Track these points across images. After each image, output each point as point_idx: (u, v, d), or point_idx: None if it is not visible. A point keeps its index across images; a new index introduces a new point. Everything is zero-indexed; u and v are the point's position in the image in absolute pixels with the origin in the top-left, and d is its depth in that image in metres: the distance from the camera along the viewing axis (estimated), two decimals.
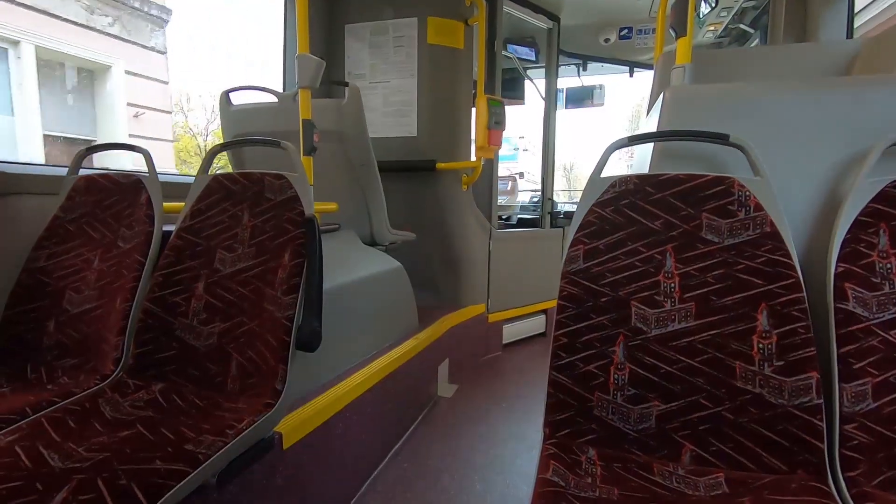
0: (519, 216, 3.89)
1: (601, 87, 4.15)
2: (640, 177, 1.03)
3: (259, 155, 2.09)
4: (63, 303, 1.33)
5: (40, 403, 1.04)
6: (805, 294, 0.88)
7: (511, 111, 3.08)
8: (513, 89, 4.01)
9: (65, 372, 1.23)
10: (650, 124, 1.27)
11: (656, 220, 0.99)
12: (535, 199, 4.24)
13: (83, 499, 0.74)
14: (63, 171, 1.50)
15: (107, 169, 1.58)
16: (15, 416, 0.99)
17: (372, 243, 2.13)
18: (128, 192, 1.41)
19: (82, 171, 1.51)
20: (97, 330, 1.28)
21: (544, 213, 3.55)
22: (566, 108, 4.24)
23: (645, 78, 4.13)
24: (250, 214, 1.28)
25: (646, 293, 0.96)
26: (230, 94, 2.08)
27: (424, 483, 1.62)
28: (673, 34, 1.31)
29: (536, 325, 3.42)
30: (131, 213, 1.38)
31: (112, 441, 0.90)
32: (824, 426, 0.82)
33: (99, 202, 1.42)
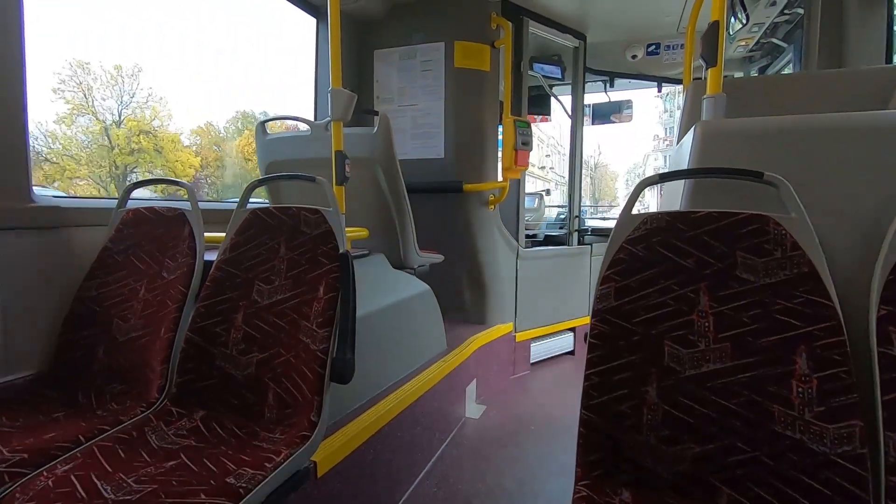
0: (546, 234, 3.88)
1: (629, 102, 4.12)
2: (671, 214, 1.02)
3: (293, 183, 2.16)
4: (112, 331, 1.39)
5: (92, 431, 1.10)
6: (846, 337, 0.86)
7: (536, 129, 3.09)
8: (539, 106, 4.03)
9: (113, 398, 1.30)
10: (681, 155, 1.26)
11: (689, 258, 0.99)
12: (562, 216, 4.22)
13: None
14: (110, 204, 1.59)
15: (156, 200, 1.66)
16: (70, 444, 1.04)
17: (401, 266, 2.16)
18: (172, 224, 1.48)
19: (130, 203, 1.60)
20: (143, 358, 1.34)
21: (571, 231, 3.53)
22: (592, 123, 4.23)
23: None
24: (287, 247, 1.33)
25: (679, 332, 0.96)
26: (265, 124, 2.17)
27: None
28: (703, 64, 1.31)
29: (565, 343, 3.39)
30: (175, 245, 1.45)
31: (159, 471, 0.94)
32: (869, 476, 0.80)
33: (145, 234, 1.50)
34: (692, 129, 1.13)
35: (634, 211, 1.07)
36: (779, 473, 0.85)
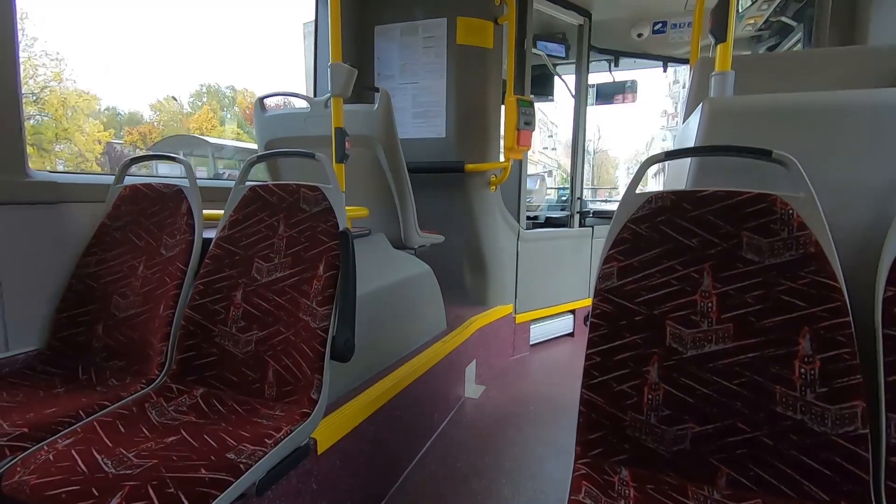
0: (547, 215, 3.86)
1: (633, 82, 4.05)
2: (676, 193, 1.01)
3: (293, 160, 2.13)
4: (111, 307, 1.39)
5: (92, 407, 1.10)
6: (851, 318, 0.85)
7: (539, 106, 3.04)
8: (542, 86, 3.96)
9: (113, 374, 1.30)
10: (687, 134, 1.24)
11: (693, 238, 0.97)
12: (564, 198, 4.19)
13: None
14: (108, 180, 1.57)
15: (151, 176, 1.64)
16: (70, 419, 1.05)
17: (401, 246, 2.15)
18: (169, 201, 1.46)
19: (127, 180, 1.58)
20: (142, 335, 1.33)
21: (573, 213, 3.51)
22: (595, 104, 4.17)
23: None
24: (286, 225, 1.31)
25: (682, 313, 0.95)
26: (264, 101, 2.13)
27: (453, 486, 1.64)
28: (712, 39, 1.27)
29: (564, 325, 3.40)
30: (173, 221, 1.43)
31: (159, 447, 0.94)
32: (870, 457, 0.80)
33: (143, 211, 1.48)
34: (699, 106, 1.10)
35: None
36: (778, 453, 0.85)
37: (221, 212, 1.41)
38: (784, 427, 0.85)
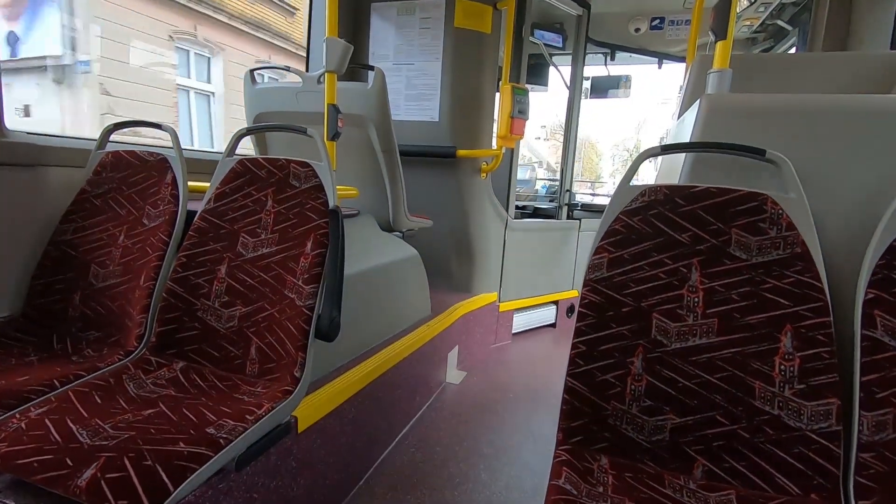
0: (535, 206, 3.86)
1: (628, 77, 4.05)
2: (670, 187, 1.01)
3: (282, 136, 2.09)
4: (89, 276, 1.35)
5: (67, 376, 1.07)
6: (832, 318, 0.87)
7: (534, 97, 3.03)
8: (537, 76, 3.94)
9: (89, 344, 1.27)
10: (683, 129, 1.24)
11: (684, 233, 0.98)
12: (553, 190, 4.20)
13: (111, 477, 0.76)
14: (90, 145, 1.51)
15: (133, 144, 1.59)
16: (44, 388, 1.02)
17: (389, 229, 2.13)
18: (154, 170, 1.42)
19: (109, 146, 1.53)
20: (121, 306, 1.30)
21: (561, 205, 3.52)
22: (589, 97, 4.16)
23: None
24: (274, 200, 1.29)
25: (668, 306, 0.96)
26: (254, 73, 2.07)
27: (431, 469, 1.65)
28: (712, 37, 1.27)
29: (547, 315, 3.42)
30: (157, 191, 1.39)
31: (136, 419, 0.93)
32: (841, 453, 0.82)
33: (125, 179, 1.44)
34: (696, 102, 1.10)
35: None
36: (754, 447, 0.87)
37: (206, 184, 1.38)
38: (761, 421, 0.87)
